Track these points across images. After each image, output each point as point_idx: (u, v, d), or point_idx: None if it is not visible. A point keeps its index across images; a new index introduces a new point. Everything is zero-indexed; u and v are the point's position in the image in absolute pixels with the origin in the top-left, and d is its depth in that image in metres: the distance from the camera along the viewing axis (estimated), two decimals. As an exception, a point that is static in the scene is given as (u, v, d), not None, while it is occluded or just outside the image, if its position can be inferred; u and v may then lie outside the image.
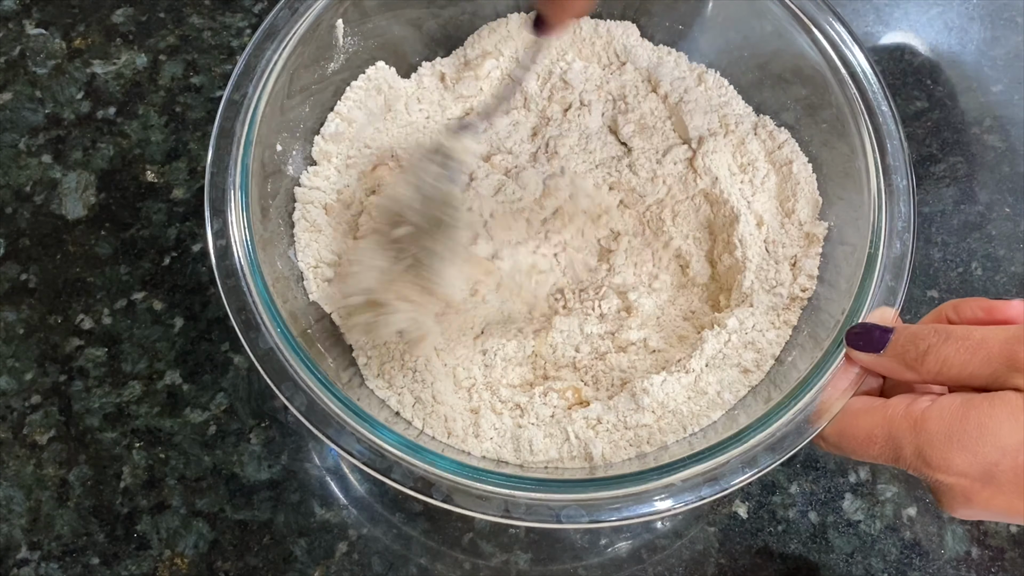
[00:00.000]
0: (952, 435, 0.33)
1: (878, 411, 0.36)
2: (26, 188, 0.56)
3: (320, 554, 0.48)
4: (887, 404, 0.36)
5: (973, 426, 0.32)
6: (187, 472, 0.50)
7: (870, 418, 0.36)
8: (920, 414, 0.34)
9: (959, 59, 0.64)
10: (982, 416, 0.32)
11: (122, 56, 0.61)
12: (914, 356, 0.35)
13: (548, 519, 0.36)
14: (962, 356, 0.34)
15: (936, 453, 0.33)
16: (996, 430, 0.32)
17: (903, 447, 0.34)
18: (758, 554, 0.49)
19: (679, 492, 0.36)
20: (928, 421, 0.33)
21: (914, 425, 0.34)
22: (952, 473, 0.33)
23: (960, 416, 0.33)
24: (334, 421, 0.37)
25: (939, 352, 0.34)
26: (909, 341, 0.35)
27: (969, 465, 0.32)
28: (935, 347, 0.34)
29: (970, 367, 0.34)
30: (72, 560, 0.48)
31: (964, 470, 0.33)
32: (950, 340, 0.34)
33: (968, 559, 0.50)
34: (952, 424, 0.33)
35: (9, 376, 0.51)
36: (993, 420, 0.32)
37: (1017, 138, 0.61)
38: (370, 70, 0.51)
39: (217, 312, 0.53)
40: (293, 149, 0.48)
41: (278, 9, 0.45)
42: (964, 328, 0.34)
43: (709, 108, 0.51)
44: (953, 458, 0.33)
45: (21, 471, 0.49)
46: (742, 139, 0.50)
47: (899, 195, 0.42)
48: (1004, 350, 0.33)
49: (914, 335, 0.35)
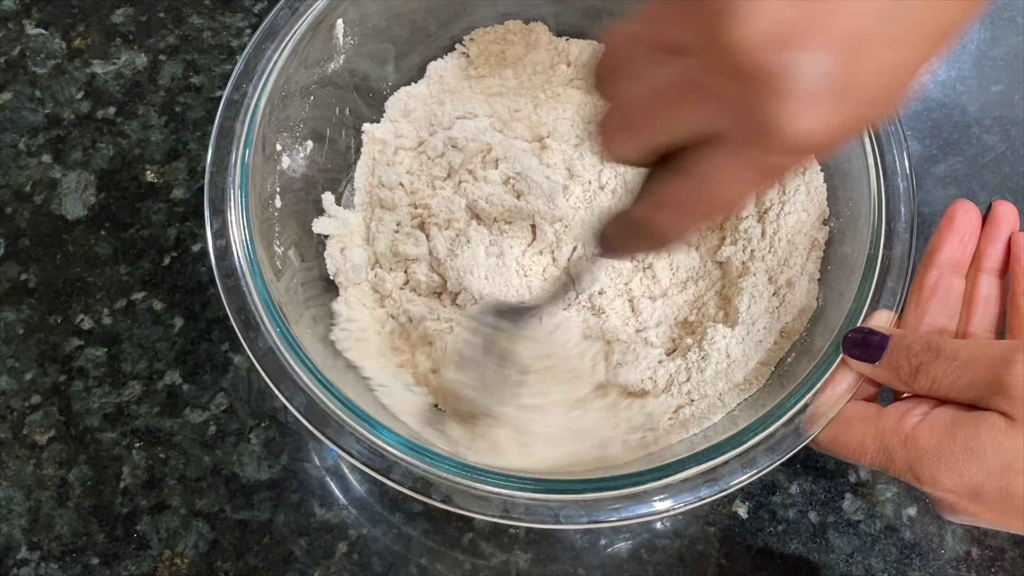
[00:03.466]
0: (940, 455, 0.34)
1: (871, 421, 0.36)
2: (26, 188, 0.56)
3: (320, 554, 0.48)
4: (880, 415, 0.36)
5: (959, 448, 0.33)
6: (187, 472, 0.50)
7: (863, 428, 0.37)
8: (911, 430, 0.35)
9: (959, 59, 0.64)
10: (968, 438, 0.33)
11: (122, 56, 0.61)
12: (907, 372, 0.36)
13: (547, 519, 0.36)
14: (950, 377, 0.35)
15: (925, 471, 0.34)
16: (981, 453, 0.33)
17: (894, 460, 0.35)
18: (758, 554, 0.49)
19: (678, 492, 0.36)
20: (918, 439, 0.34)
21: (905, 441, 0.35)
22: (940, 489, 0.34)
23: (948, 436, 0.34)
24: (333, 421, 0.37)
25: (929, 370, 0.35)
26: (902, 356, 0.36)
27: (956, 484, 0.34)
28: (926, 365, 0.35)
29: (957, 387, 0.35)
30: (72, 560, 0.48)
31: (952, 488, 0.34)
32: (939, 359, 0.35)
33: (968, 559, 0.50)
34: (940, 444, 0.34)
35: (9, 376, 0.51)
36: (978, 443, 0.33)
37: (1017, 138, 0.61)
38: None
39: (217, 312, 0.53)
40: (293, 149, 0.48)
41: (278, 9, 0.45)
42: (954, 345, 0.35)
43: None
44: (940, 477, 0.34)
45: (21, 471, 0.49)
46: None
47: (899, 196, 0.42)
48: (989, 373, 0.33)
49: (907, 349, 0.36)
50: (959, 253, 0.40)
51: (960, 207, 0.40)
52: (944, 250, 0.40)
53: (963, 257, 0.40)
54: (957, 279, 0.40)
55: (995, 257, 0.40)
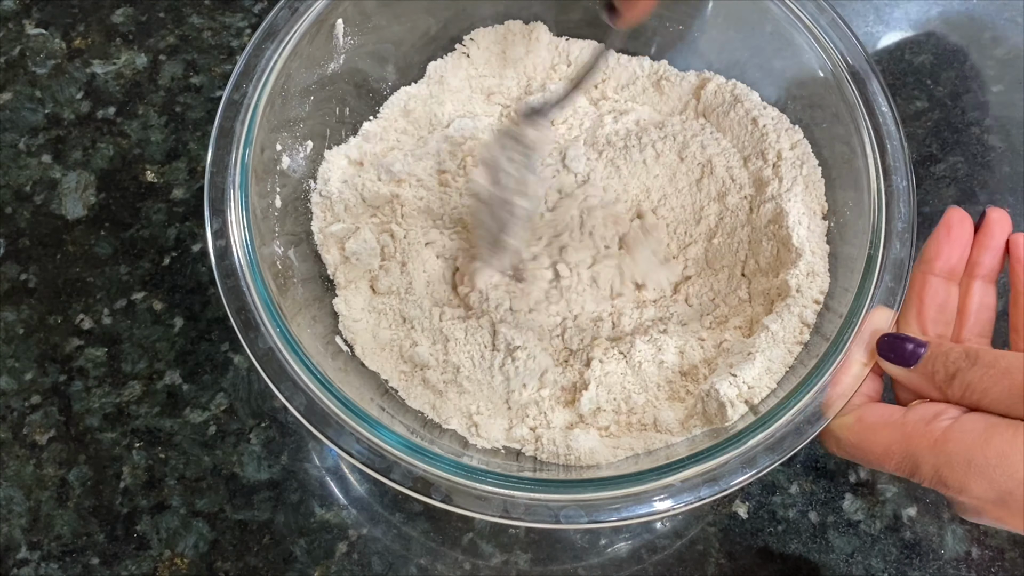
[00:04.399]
0: (972, 461, 0.33)
1: (897, 427, 0.36)
2: (26, 188, 0.56)
3: (320, 554, 0.48)
4: (906, 419, 0.36)
5: (994, 454, 0.33)
6: (187, 472, 0.50)
7: (889, 433, 0.36)
8: (941, 434, 0.34)
9: (959, 59, 0.64)
10: (1004, 446, 0.33)
11: (122, 56, 0.61)
12: (942, 378, 0.36)
13: (547, 519, 0.36)
14: (985, 383, 0.34)
15: (955, 476, 0.33)
16: (1017, 462, 0.32)
17: (921, 465, 0.34)
18: (758, 554, 0.49)
19: (678, 492, 0.36)
20: (949, 443, 0.34)
21: (934, 445, 0.34)
22: (968, 496, 0.34)
23: (982, 442, 0.33)
24: (333, 421, 0.37)
25: (965, 377, 0.35)
26: (939, 362, 0.36)
27: (985, 491, 0.33)
28: (963, 372, 0.35)
29: (991, 395, 0.34)
30: (72, 560, 0.48)
31: (980, 495, 0.33)
32: (976, 366, 0.35)
33: (968, 559, 0.50)
34: (973, 449, 0.33)
35: (9, 376, 0.51)
36: (1015, 451, 0.32)
37: (1017, 138, 0.61)
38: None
39: (217, 312, 0.53)
40: (293, 149, 0.48)
41: (278, 9, 0.45)
42: (992, 354, 0.35)
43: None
44: (970, 483, 0.33)
45: (21, 471, 0.49)
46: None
47: (899, 196, 0.42)
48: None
49: (945, 356, 0.36)
50: (956, 261, 0.40)
51: (956, 214, 0.40)
52: (943, 258, 0.40)
53: (959, 265, 0.40)
54: (954, 286, 0.40)
55: (988, 264, 0.40)
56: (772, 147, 0.49)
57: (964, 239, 0.40)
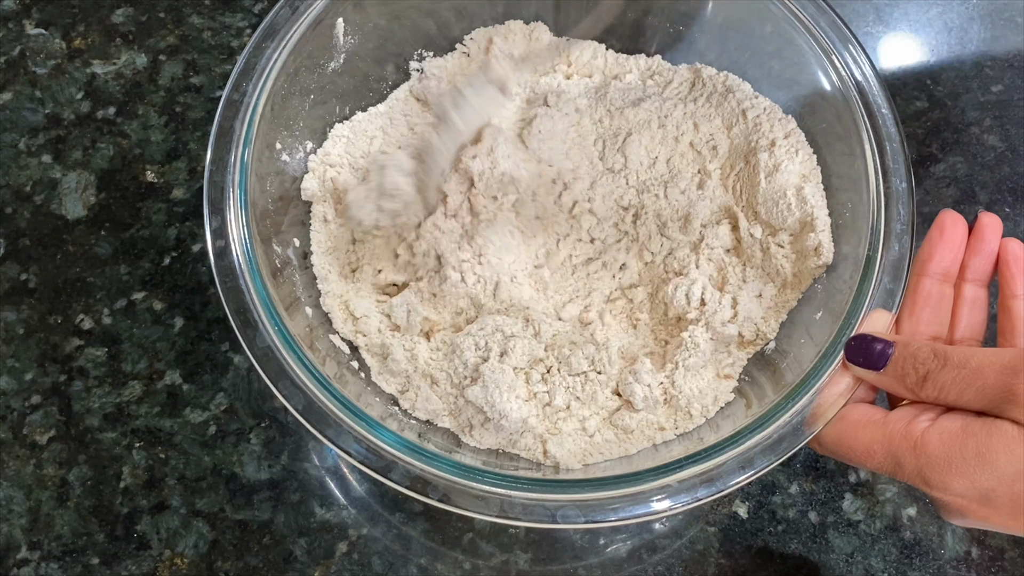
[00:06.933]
0: (951, 461, 0.34)
1: (878, 426, 0.36)
2: (26, 188, 0.56)
3: (320, 554, 0.48)
4: (887, 419, 0.36)
5: (971, 454, 0.33)
6: (187, 472, 0.50)
7: (870, 432, 0.36)
8: (920, 435, 0.35)
9: (959, 59, 0.64)
10: (980, 445, 0.33)
11: (122, 56, 0.61)
12: (913, 381, 0.36)
13: (544, 519, 0.36)
14: (959, 385, 0.34)
15: (935, 476, 0.34)
16: (993, 460, 0.33)
17: (903, 465, 0.35)
18: (758, 554, 0.49)
19: (676, 493, 0.36)
20: (928, 444, 0.34)
21: (914, 446, 0.35)
22: (951, 494, 0.34)
23: (959, 442, 0.34)
24: (332, 420, 0.37)
25: (937, 379, 0.35)
26: (908, 364, 0.36)
27: (967, 489, 0.34)
28: (934, 373, 0.35)
29: (966, 395, 0.34)
30: (72, 560, 0.48)
31: (962, 493, 0.34)
32: (947, 367, 0.35)
33: (968, 559, 0.50)
34: (951, 450, 0.34)
35: (9, 376, 0.52)
36: (991, 450, 0.33)
37: (1017, 138, 0.61)
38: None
39: (217, 312, 0.53)
40: (293, 148, 0.48)
41: (278, 9, 0.45)
42: (962, 353, 0.35)
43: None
44: (951, 482, 0.34)
45: (21, 471, 0.49)
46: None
47: (898, 197, 0.42)
48: (999, 382, 0.33)
49: (913, 357, 0.36)
50: (949, 263, 0.40)
51: (948, 217, 0.40)
52: (936, 259, 0.40)
53: (953, 267, 0.40)
54: (948, 288, 0.40)
55: (979, 268, 0.40)
56: (766, 136, 0.49)
57: (957, 241, 0.40)
